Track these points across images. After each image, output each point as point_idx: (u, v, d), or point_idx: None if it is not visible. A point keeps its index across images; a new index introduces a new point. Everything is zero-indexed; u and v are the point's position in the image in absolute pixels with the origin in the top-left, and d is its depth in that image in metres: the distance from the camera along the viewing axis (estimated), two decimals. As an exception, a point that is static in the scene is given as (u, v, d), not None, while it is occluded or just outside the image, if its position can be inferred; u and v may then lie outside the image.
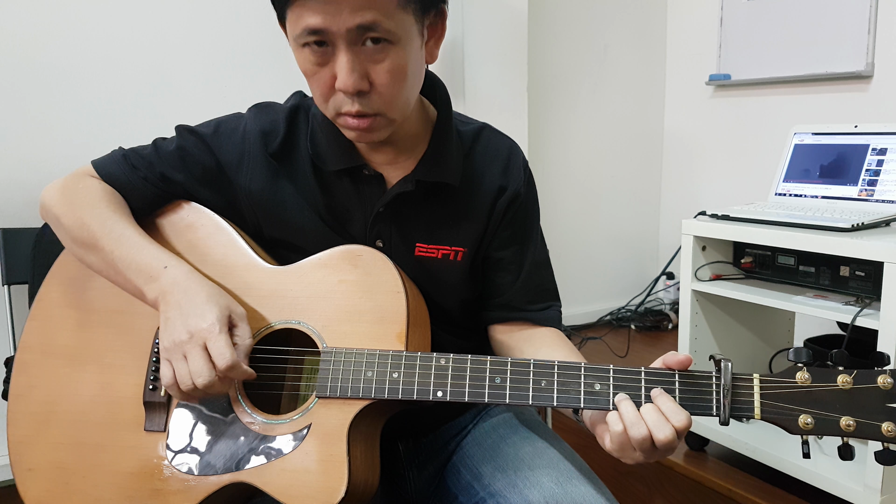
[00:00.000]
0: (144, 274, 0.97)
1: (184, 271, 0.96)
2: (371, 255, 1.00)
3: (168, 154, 1.07)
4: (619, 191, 3.21)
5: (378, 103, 0.93)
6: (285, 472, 0.92)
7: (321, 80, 0.92)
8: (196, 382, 0.89)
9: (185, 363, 0.90)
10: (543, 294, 1.14)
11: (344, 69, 0.89)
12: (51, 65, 1.84)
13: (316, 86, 0.93)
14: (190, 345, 0.90)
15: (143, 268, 0.97)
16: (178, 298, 0.93)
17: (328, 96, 0.93)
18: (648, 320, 3.05)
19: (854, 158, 1.87)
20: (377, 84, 0.91)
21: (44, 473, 1.01)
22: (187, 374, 0.89)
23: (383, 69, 0.90)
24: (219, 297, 0.94)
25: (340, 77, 0.89)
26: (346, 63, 0.89)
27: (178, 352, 0.90)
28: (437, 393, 0.91)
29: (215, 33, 2.04)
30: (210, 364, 0.89)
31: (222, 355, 0.88)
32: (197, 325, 0.90)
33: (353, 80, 0.89)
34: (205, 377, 0.88)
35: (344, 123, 0.95)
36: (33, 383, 1.05)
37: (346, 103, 0.92)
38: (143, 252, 0.98)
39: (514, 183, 1.09)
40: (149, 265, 0.97)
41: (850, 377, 0.82)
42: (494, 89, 2.52)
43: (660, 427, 0.82)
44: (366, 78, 0.90)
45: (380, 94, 0.92)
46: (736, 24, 2.84)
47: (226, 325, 0.91)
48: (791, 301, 1.73)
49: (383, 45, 0.89)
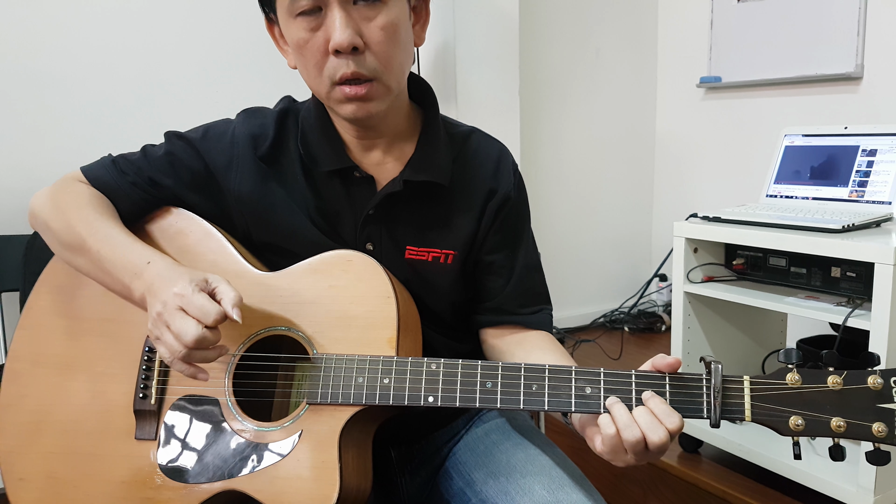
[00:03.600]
0: (129, 271, 0.96)
1: (166, 264, 0.95)
2: (361, 260, 0.99)
3: (157, 159, 1.07)
4: (611, 193, 3.22)
5: (373, 64, 0.93)
6: (277, 479, 0.92)
7: (315, 46, 0.92)
8: (185, 342, 0.86)
9: (169, 331, 0.88)
10: (535, 298, 1.14)
11: (338, 26, 0.90)
12: (42, 71, 1.84)
13: (310, 55, 0.93)
14: (167, 312, 0.88)
15: (128, 265, 0.96)
16: (158, 286, 0.92)
17: (322, 64, 0.93)
18: (642, 322, 3.05)
19: (844, 160, 1.88)
20: (371, 42, 0.93)
21: (35, 483, 1.00)
22: (174, 340, 0.87)
23: (376, 26, 0.92)
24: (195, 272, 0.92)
25: (335, 35, 0.90)
26: (341, 19, 0.90)
27: (160, 324, 0.89)
28: (429, 398, 0.91)
29: (207, 40, 2.05)
30: (193, 321, 0.86)
31: (204, 311, 0.86)
32: (168, 292, 0.88)
33: (348, 36, 0.90)
34: (191, 333, 0.85)
35: (341, 95, 0.95)
36: (23, 393, 1.04)
37: (341, 66, 0.92)
38: (127, 250, 0.98)
39: (504, 186, 1.10)
40: (132, 262, 0.96)
41: (841, 378, 0.82)
42: (486, 92, 2.52)
43: (653, 429, 0.82)
44: (359, 35, 0.91)
45: (375, 52, 0.93)
46: (726, 26, 2.85)
47: (199, 285, 0.89)
48: (783, 302, 1.73)
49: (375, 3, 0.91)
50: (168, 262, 0.95)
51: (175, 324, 0.87)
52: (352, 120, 1.00)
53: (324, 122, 1.05)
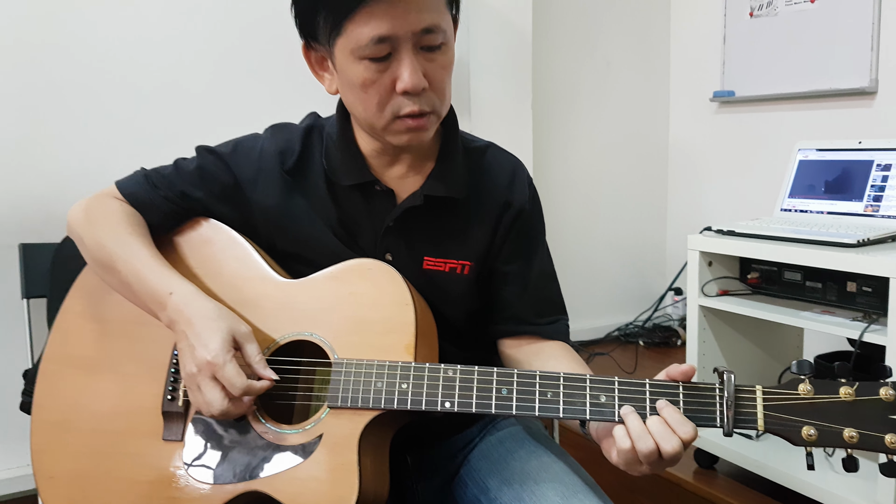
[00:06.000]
0: (154, 300, 1.01)
1: (187, 295, 0.99)
2: (380, 268, 1.02)
3: (188, 173, 1.11)
4: (624, 206, 3.23)
5: (433, 100, 0.98)
6: (297, 480, 0.94)
7: (381, 86, 0.95)
8: (211, 412, 0.94)
9: (201, 394, 0.94)
10: (551, 307, 1.15)
11: (411, 71, 0.93)
12: (69, 83, 1.88)
13: (374, 93, 0.96)
14: (200, 377, 0.94)
15: (152, 293, 1.01)
16: (183, 328, 0.97)
17: (387, 102, 0.96)
18: (656, 336, 3.05)
19: (859, 174, 1.88)
20: (433, 81, 0.97)
21: (64, 481, 1.03)
22: (204, 404, 0.94)
23: (438, 66, 0.97)
24: (220, 321, 0.96)
25: (407, 79, 0.93)
26: (413, 65, 0.93)
27: (192, 383, 0.95)
28: (445, 404, 0.92)
29: (232, 50, 2.09)
30: (222, 393, 0.94)
31: (232, 384, 0.93)
32: (202, 357, 0.94)
33: (419, 80, 0.94)
34: (216, 406, 0.93)
35: (400, 127, 0.98)
36: (55, 393, 1.07)
37: (406, 105, 0.96)
38: (152, 275, 1.01)
39: (518, 198, 1.12)
40: (156, 291, 1.00)
41: (853, 389, 0.83)
42: (499, 104, 2.55)
43: (666, 439, 0.83)
44: (424, 76, 0.95)
45: (435, 90, 0.98)
46: (739, 40, 2.86)
47: (230, 351, 0.94)
48: (798, 317, 1.73)
49: (440, 44, 0.95)
50: (189, 294, 0.99)
51: (206, 393, 0.94)
52: (403, 147, 1.04)
53: (347, 139, 1.08)
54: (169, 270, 1.03)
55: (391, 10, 0.90)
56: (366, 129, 1.04)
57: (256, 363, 0.96)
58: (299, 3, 0.98)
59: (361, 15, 0.91)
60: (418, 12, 0.91)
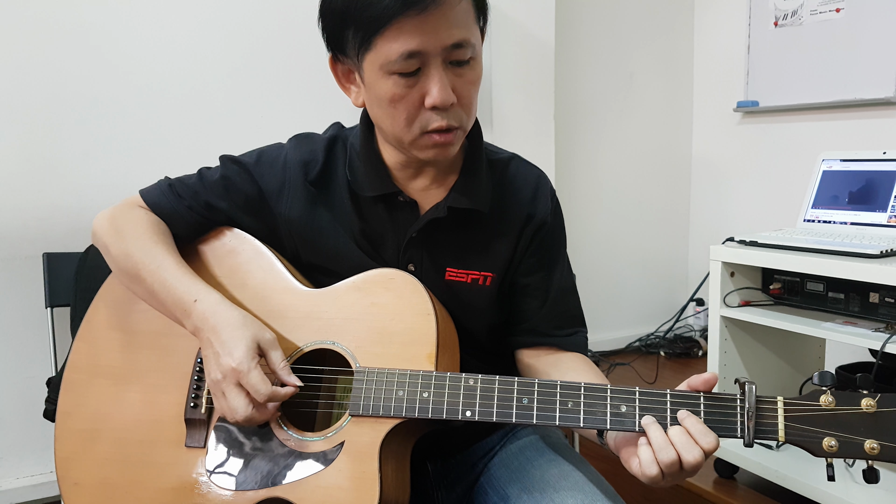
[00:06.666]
0: (179, 308, 1.02)
1: (212, 303, 1.00)
2: (403, 278, 1.03)
3: (212, 183, 1.12)
4: (647, 217, 3.22)
5: (460, 115, 0.98)
6: (319, 488, 0.95)
7: (409, 102, 0.95)
8: (236, 417, 0.95)
9: (225, 400, 0.96)
10: (570, 320, 1.16)
11: (440, 86, 0.93)
12: (93, 96, 1.91)
13: (402, 108, 0.96)
14: (225, 384, 0.95)
15: (177, 301, 1.02)
16: (208, 336, 0.98)
17: (415, 116, 0.97)
18: (678, 347, 3.03)
19: (883, 185, 1.87)
20: (461, 96, 0.97)
21: (89, 489, 1.05)
22: (229, 411, 0.96)
23: (467, 81, 0.97)
24: (244, 329, 0.97)
25: (437, 94, 0.93)
26: (442, 80, 0.94)
27: (217, 390, 0.97)
28: (466, 413, 0.93)
29: (254, 60, 2.11)
30: (246, 399, 0.95)
31: (256, 391, 0.94)
32: (227, 364, 0.95)
33: (448, 95, 0.94)
34: (241, 412, 0.95)
35: (427, 142, 0.99)
36: (80, 402, 1.09)
37: (434, 120, 0.96)
38: (177, 284, 1.03)
39: (541, 211, 1.13)
40: (181, 299, 1.02)
41: (874, 401, 0.83)
42: (522, 117, 2.56)
43: (688, 449, 0.83)
44: (453, 91, 0.95)
45: (462, 105, 0.98)
46: (763, 50, 2.85)
47: (255, 358, 0.96)
48: (820, 328, 1.72)
49: (469, 59, 0.96)
50: (214, 302, 1.00)
51: (231, 400, 0.95)
52: (430, 161, 1.05)
53: (371, 150, 1.09)
54: (194, 278, 1.04)
55: (421, 25, 0.90)
56: (392, 142, 1.04)
57: (281, 370, 0.97)
58: (327, 18, 0.98)
59: (391, 31, 0.90)
60: (448, 28, 0.91)
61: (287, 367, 0.98)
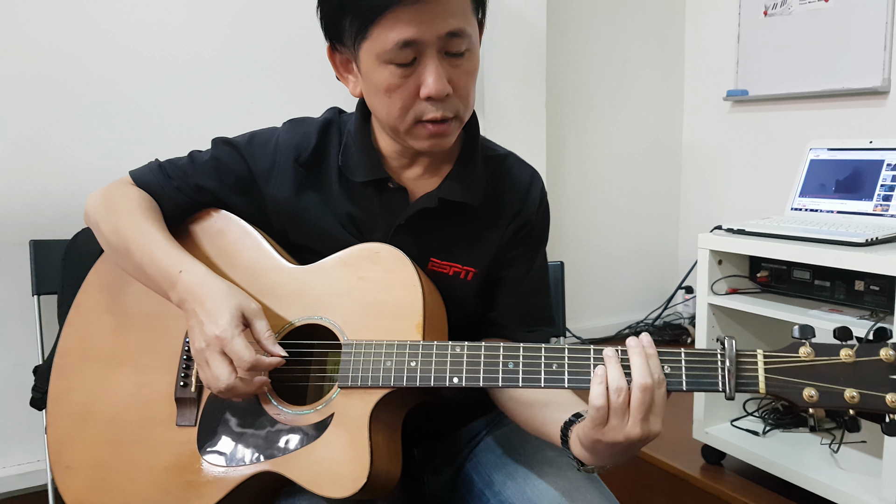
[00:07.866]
0: (165, 280, 1.02)
1: (197, 274, 1.00)
2: (389, 251, 1.03)
3: (202, 164, 1.12)
4: (637, 205, 3.23)
5: (457, 105, 0.98)
6: (310, 460, 0.96)
7: (405, 91, 0.95)
8: (219, 386, 0.94)
9: (209, 368, 0.95)
10: (535, 318, 1.16)
11: (435, 77, 0.93)
12: (83, 81, 1.90)
13: (398, 98, 0.96)
14: (209, 351, 0.95)
15: (164, 273, 1.02)
16: (193, 306, 0.98)
17: (410, 106, 0.97)
18: (667, 334, 3.05)
19: (869, 174, 1.88)
20: (457, 87, 0.97)
21: (82, 471, 1.05)
22: (212, 379, 0.95)
23: (463, 72, 0.97)
24: (229, 298, 0.97)
25: (432, 85, 0.93)
26: (437, 71, 0.93)
27: (201, 359, 0.96)
28: (454, 379, 0.93)
29: (248, 48, 2.10)
30: (230, 367, 0.94)
31: (240, 358, 0.93)
32: (211, 332, 0.94)
33: (443, 86, 0.94)
34: (224, 380, 0.93)
35: (422, 132, 0.99)
36: (72, 386, 1.09)
37: (429, 110, 0.96)
38: (164, 256, 1.03)
39: (528, 209, 1.13)
40: (167, 271, 1.01)
41: (853, 351, 0.83)
42: (513, 104, 2.56)
43: (638, 368, 0.83)
44: (449, 82, 0.95)
45: (459, 96, 0.98)
46: (753, 40, 2.86)
47: (239, 326, 0.95)
48: (806, 315, 1.74)
49: (465, 50, 0.95)
50: (199, 273, 1.00)
51: (214, 367, 0.94)
52: (425, 152, 1.05)
53: (366, 137, 1.09)
54: (181, 251, 1.04)
55: (417, 14, 0.90)
56: (388, 131, 1.04)
57: (265, 339, 0.97)
58: (325, 7, 0.98)
59: (387, 19, 0.90)
60: (444, 17, 0.91)
61: (272, 338, 0.98)
